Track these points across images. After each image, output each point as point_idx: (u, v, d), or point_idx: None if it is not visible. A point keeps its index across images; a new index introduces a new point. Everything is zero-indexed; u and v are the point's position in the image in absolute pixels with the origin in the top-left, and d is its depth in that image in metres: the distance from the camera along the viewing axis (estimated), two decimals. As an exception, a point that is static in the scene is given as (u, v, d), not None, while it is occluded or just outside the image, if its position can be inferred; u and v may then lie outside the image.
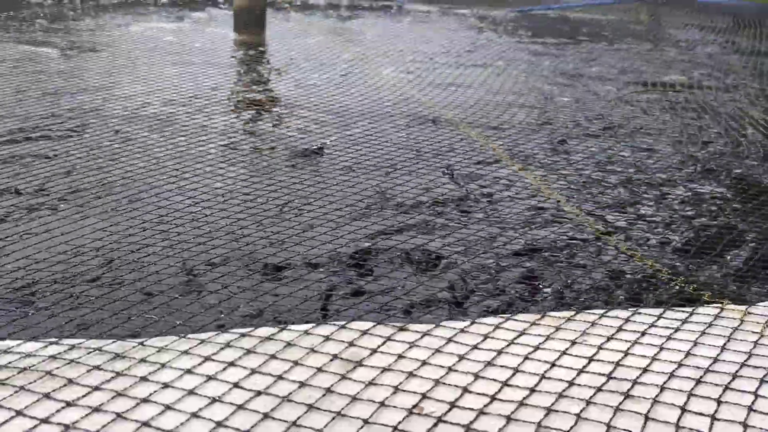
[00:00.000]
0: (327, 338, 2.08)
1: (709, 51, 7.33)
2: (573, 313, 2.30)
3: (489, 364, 2.00)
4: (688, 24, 8.94)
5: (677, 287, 2.58)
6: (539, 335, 2.16)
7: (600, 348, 2.11)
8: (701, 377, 1.97)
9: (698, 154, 4.08)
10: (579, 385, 1.91)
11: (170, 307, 2.32)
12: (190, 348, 2.02)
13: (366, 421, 1.73)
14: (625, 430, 1.75)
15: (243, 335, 2.09)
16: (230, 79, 5.33)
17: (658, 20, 9.46)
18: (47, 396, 1.77)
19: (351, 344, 2.07)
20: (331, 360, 1.98)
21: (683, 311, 2.36)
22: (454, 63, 6.08)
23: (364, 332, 2.13)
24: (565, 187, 3.52)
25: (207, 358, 1.96)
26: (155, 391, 1.81)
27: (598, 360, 2.04)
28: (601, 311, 2.33)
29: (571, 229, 3.04)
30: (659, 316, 2.31)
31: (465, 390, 1.87)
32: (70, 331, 2.14)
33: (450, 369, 1.96)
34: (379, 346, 2.06)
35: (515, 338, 2.14)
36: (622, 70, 6.17)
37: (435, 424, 1.73)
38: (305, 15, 8.22)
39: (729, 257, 2.87)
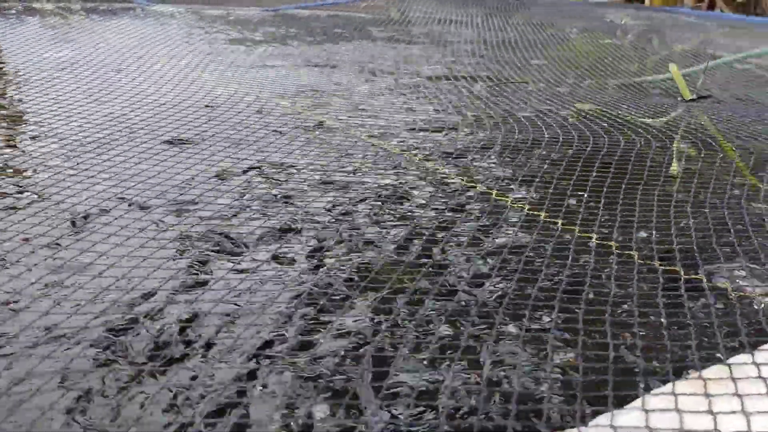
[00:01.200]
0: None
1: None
2: (726, 369, 1.82)
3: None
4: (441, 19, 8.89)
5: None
6: (732, 413, 1.65)
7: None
8: None
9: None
10: None
11: None
12: None
13: None
14: None
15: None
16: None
17: (406, 14, 9.30)
18: None
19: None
20: None
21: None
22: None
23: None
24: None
25: None
26: None
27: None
28: (744, 359, 1.88)
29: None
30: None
31: None
32: None
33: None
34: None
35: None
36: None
37: None
38: (37, 19, 6.78)
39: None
